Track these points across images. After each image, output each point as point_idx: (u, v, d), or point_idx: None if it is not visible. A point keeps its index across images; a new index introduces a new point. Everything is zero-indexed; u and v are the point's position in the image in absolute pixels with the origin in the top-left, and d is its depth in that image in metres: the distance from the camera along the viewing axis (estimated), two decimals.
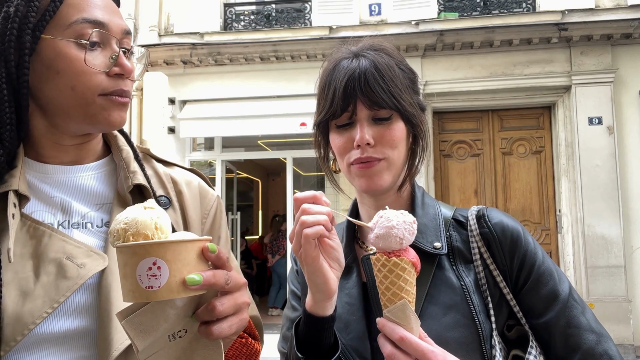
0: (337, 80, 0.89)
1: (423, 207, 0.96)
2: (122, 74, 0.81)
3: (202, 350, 0.65)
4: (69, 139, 0.85)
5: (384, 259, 0.71)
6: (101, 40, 0.80)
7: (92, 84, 0.78)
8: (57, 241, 0.77)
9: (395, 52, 0.95)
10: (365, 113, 0.89)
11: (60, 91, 0.78)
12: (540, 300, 0.86)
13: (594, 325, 0.85)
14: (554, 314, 0.85)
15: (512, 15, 6.56)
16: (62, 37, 0.77)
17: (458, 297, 0.86)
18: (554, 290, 0.86)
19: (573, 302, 0.86)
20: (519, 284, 0.88)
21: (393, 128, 0.90)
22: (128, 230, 0.58)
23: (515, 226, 0.91)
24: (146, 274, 0.55)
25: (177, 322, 0.63)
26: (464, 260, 0.90)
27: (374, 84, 0.86)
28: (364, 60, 0.89)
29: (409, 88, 0.93)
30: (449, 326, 0.83)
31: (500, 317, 0.87)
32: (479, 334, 0.83)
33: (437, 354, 0.71)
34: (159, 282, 0.56)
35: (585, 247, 6.11)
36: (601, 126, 6.24)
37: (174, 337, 0.63)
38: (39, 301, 0.72)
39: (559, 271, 0.90)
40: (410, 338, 0.70)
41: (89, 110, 0.79)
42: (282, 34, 6.84)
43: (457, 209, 0.96)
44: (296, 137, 7.20)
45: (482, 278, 0.88)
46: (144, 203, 0.62)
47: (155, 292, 0.55)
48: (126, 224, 0.58)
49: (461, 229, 0.93)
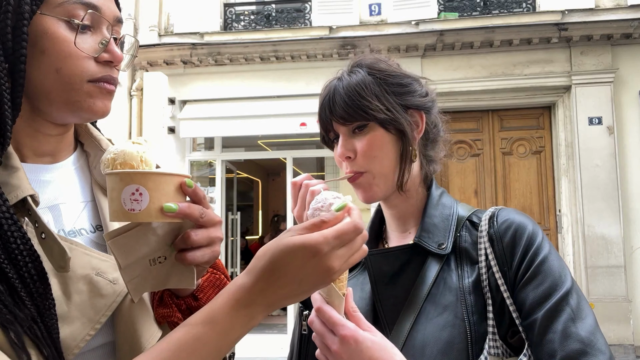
0: (319, 104, 0.99)
1: (437, 207, 0.97)
2: (111, 62, 0.76)
3: (177, 276, 0.74)
4: (49, 128, 0.78)
5: None
6: (92, 23, 0.75)
7: (79, 68, 0.72)
8: (81, 255, 0.71)
9: (378, 62, 0.98)
10: (343, 129, 0.96)
11: (43, 73, 0.72)
12: (531, 299, 0.82)
13: (583, 335, 0.76)
14: (539, 315, 0.79)
15: (512, 15, 6.56)
16: (53, 15, 0.71)
17: (454, 297, 0.86)
18: (548, 292, 0.81)
19: (565, 307, 0.79)
20: (516, 280, 0.85)
21: (368, 137, 0.93)
22: (116, 160, 0.65)
23: (523, 222, 0.88)
24: (129, 198, 0.64)
25: (157, 248, 0.71)
26: (470, 261, 0.89)
27: (340, 101, 0.94)
28: (339, 82, 0.96)
29: (388, 93, 0.94)
30: (440, 326, 0.83)
31: (503, 322, 0.84)
32: (467, 335, 0.82)
33: (345, 327, 0.73)
34: (140, 207, 0.64)
35: (585, 247, 6.12)
36: (601, 126, 6.25)
37: (154, 262, 0.71)
38: (78, 324, 0.67)
39: (565, 275, 0.83)
40: (324, 309, 0.75)
41: (72, 96, 0.73)
42: (282, 34, 6.84)
43: (476, 210, 0.96)
44: (296, 137, 7.21)
45: (485, 280, 0.86)
46: (133, 138, 0.70)
47: (135, 215, 0.64)
48: (115, 154, 0.66)
49: (473, 229, 0.93)
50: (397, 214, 1.01)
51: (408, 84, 0.98)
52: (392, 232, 1.04)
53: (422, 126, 0.99)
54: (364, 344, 0.73)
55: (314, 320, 0.77)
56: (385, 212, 1.04)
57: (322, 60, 6.88)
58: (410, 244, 0.95)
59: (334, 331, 0.74)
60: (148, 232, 0.70)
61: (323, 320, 0.75)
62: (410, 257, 0.93)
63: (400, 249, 0.94)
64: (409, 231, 1.00)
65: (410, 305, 0.88)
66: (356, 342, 0.73)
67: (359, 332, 0.74)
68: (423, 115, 0.98)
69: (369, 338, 0.74)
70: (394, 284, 0.92)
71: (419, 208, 1.00)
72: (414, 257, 0.93)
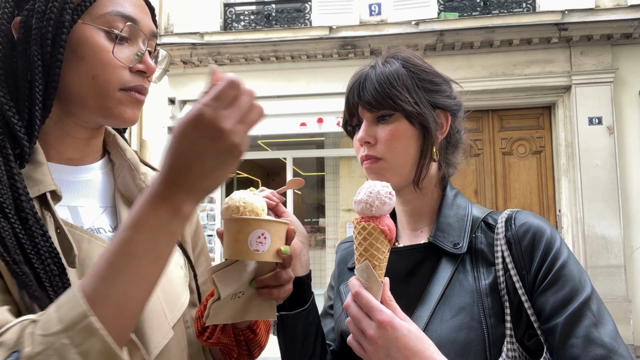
0: (347, 89, 1.01)
1: (452, 207, 0.97)
2: (144, 72, 0.81)
3: (256, 310, 0.84)
4: (79, 131, 0.82)
5: (356, 222, 0.79)
6: (130, 35, 0.79)
7: (114, 76, 0.77)
8: (98, 247, 0.74)
9: (413, 57, 0.99)
10: (368, 115, 0.96)
11: (80, 78, 0.76)
12: (551, 304, 0.81)
13: (606, 341, 0.76)
14: (561, 320, 0.79)
15: (512, 15, 6.56)
16: (94, 24, 0.76)
17: (470, 299, 0.85)
18: (569, 296, 0.81)
19: (587, 313, 0.79)
20: (535, 284, 0.84)
21: (392, 127, 0.93)
22: (246, 208, 0.76)
23: (541, 226, 0.87)
24: (255, 240, 0.74)
25: (242, 285, 0.81)
26: (486, 262, 0.89)
27: (370, 86, 0.94)
28: (372, 69, 0.97)
29: (419, 88, 0.95)
30: (456, 327, 0.83)
31: (521, 324, 0.84)
32: (484, 338, 0.81)
33: (383, 312, 0.73)
34: (263, 248, 0.75)
35: (585, 247, 6.12)
36: (601, 126, 6.24)
37: (235, 296, 0.81)
38: None
39: (584, 280, 0.83)
40: (363, 293, 0.75)
41: (105, 102, 0.78)
42: (282, 34, 6.84)
43: (491, 212, 0.96)
44: (296, 137, 7.20)
45: (502, 282, 0.86)
46: (251, 190, 0.81)
47: (259, 254, 0.75)
48: (245, 202, 0.76)
49: (489, 231, 0.92)
50: (410, 210, 1.01)
51: (439, 83, 0.99)
52: (404, 230, 1.03)
53: (447, 128, 0.99)
54: (400, 331, 0.72)
55: (350, 304, 0.77)
56: (398, 208, 1.03)
57: (322, 60, 6.87)
58: (424, 242, 0.94)
59: (371, 316, 0.73)
60: (243, 269, 0.81)
61: (360, 304, 0.75)
62: (424, 256, 0.93)
63: (414, 248, 0.94)
64: (420, 230, 1.00)
65: (424, 305, 0.88)
66: (393, 329, 0.72)
67: (396, 319, 0.73)
68: (449, 117, 0.99)
69: (406, 326, 0.73)
70: (407, 283, 0.92)
71: (432, 207, 1.00)
72: (428, 256, 0.92)
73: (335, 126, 6.49)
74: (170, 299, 0.83)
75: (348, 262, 1.08)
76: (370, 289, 0.76)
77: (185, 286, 0.89)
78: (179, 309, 0.84)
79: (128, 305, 0.57)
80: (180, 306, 0.85)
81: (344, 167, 7.04)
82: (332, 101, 6.51)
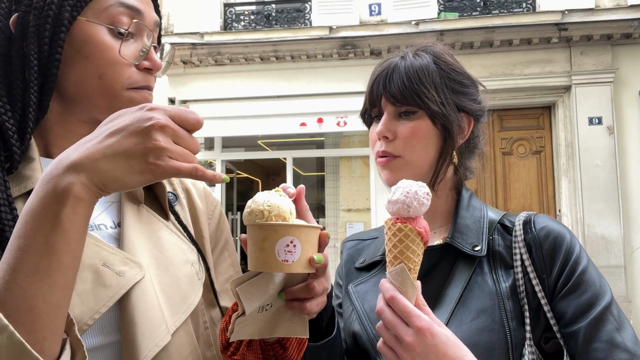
0: (373, 76, 0.96)
1: (468, 209, 0.96)
2: (150, 69, 0.78)
3: (286, 324, 0.74)
4: (81, 127, 0.79)
5: (390, 223, 0.74)
6: (135, 31, 0.76)
7: (121, 75, 0.74)
8: (90, 245, 0.71)
9: (444, 54, 0.96)
10: (390, 108, 0.93)
11: (85, 77, 0.73)
12: (573, 308, 0.81)
13: (629, 345, 0.77)
14: (583, 325, 0.79)
15: (512, 15, 6.56)
16: (98, 21, 0.73)
17: (491, 301, 0.84)
18: (590, 301, 0.81)
19: (609, 317, 0.80)
20: (556, 289, 0.84)
21: (413, 124, 0.91)
22: (271, 212, 0.66)
23: (561, 231, 0.87)
24: (284, 250, 0.64)
25: (269, 297, 0.72)
26: (504, 265, 0.88)
27: (397, 79, 0.91)
28: (402, 60, 0.93)
29: (447, 88, 0.92)
30: (477, 330, 0.82)
31: (538, 328, 0.84)
32: (507, 341, 0.81)
33: (422, 318, 0.70)
34: (293, 258, 0.65)
35: (585, 247, 6.10)
36: (601, 126, 6.24)
37: (262, 309, 0.72)
38: (76, 311, 0.64)
39: (604, 285, 0.84)
40: (399, 298, 0.71)
41: (114, 102, 0.75)
42: (282, 34, 6.83)
43: (505, 214, 0.95)
44: (296, 137, 7.20)
45: (521, 285, 0.85)
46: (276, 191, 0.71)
47: (289, 265, 0.65)
48: (270, 206, 0.66)
49: (506, 233, 0.91)
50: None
51: (468, 85, 0.96)
52: None
53: (468, 133, 0.97)
54: (439, 339, 0.69)
55: (384, 309, 0.73)
56: None
57: (322, 60, 6.87)
58: (441, 243, 0.93)
59: (409, 322, 0.70)
60: (271, 280, 0.71)
61: (396, 309, 0.71)
62: (440, 257, 0.92)
63: (430, 249, 0.92)
64: (434, 231, 0.99)
65: (441, 306, 0.87)
66: (432, 336, 0.69)
67: (435, 326, 0.71)
68: (472, 122, 0.97)
69: (444, 333, 0.71)
70: (423, 285, 0.91)
71: (447, 209, 0.99)
72: (444, 257, 0.91)
73: (335, 126, 6.49)
74: (174, 301, 0.77)
75: (355, 262, 1.06)
76: (405, 293, 0.72)
77: (195, 285, 0.82)
78: (185, 311, 0.79)
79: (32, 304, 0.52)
80: (187, 308, 0.79)
81: (344, 167, 7.04)
82: (332, 101, 6.51)
